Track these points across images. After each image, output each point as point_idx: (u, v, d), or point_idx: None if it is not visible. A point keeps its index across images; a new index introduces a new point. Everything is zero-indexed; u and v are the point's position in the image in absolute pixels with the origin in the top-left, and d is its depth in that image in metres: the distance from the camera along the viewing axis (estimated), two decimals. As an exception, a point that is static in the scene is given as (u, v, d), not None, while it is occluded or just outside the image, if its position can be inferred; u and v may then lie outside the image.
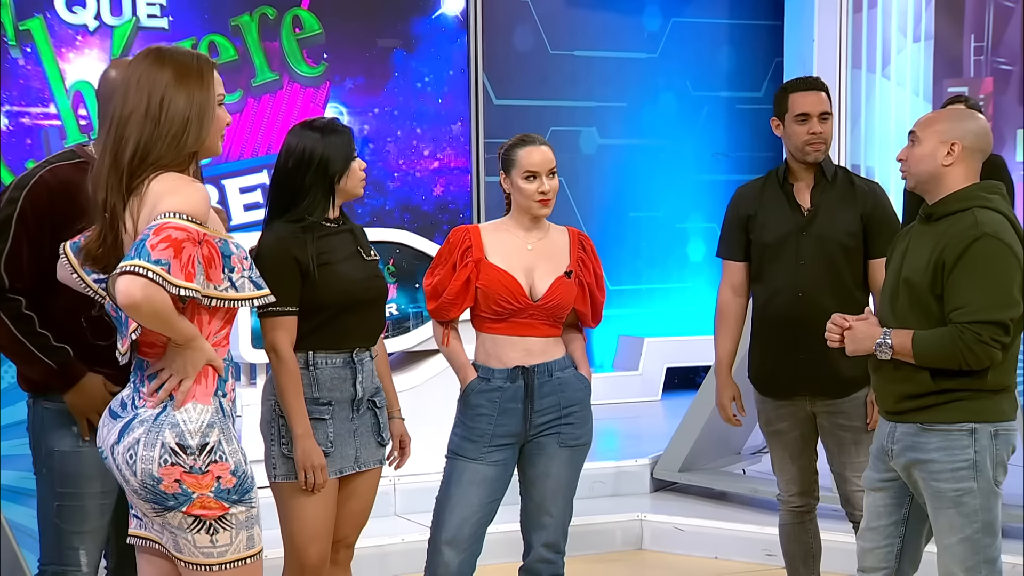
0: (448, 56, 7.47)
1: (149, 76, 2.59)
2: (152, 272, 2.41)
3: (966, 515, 3.09)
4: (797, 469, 3.96)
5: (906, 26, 8.66)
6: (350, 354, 3.36)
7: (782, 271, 3.83)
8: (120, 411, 2.64)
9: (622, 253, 8.61)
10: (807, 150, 3.83)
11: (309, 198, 3.32)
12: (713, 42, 8.91)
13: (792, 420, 3.91)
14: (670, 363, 8.44)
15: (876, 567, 3.27)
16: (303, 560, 3.35)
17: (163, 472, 2.54)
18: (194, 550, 2.59)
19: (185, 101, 2.58)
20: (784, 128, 3.89)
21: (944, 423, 3.10)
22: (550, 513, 3.53)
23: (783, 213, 3.88)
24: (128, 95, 2.59)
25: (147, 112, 2.56)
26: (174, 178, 2.57)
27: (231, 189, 6.96)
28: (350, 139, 3.38)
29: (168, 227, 2.47)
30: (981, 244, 3.04)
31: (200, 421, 2.58)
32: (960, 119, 3.19)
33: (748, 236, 3.93)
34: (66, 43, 6.63)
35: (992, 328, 3.02)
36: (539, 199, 3.48)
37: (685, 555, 5.36)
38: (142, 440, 2.56)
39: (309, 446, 3.26)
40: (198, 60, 2.65)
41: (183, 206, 2.51)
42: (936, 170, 3.14)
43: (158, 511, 2.58)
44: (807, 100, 3.85)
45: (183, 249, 2.46)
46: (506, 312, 3.47)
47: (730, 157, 9.00)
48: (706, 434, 5.84)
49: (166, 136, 2.56)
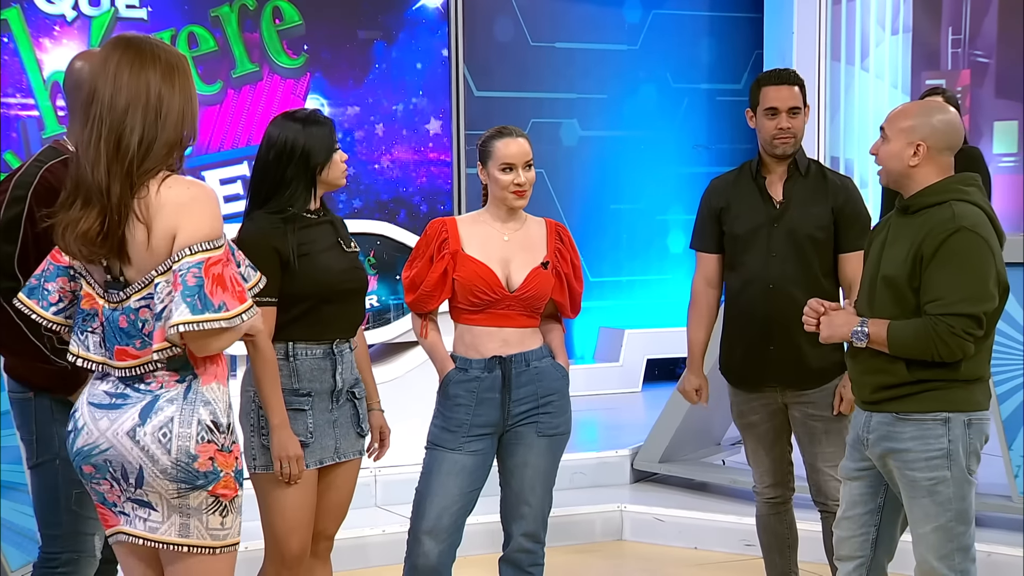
0: (429, 48, 7.46)
1: (140, 68, 2.60)
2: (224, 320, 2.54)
3: (940, 504, 3.12)
4: (771, 461, 3.99)
5: (884, 19, 8.71)
6: (330, 345, 3.37)
7: (753, 262, 3.86)
8: (117, 400, 2.63)
9: (603, 245, 8.64)
10: (775, 144, 3.86)
11: (291, 189, 3.33)
12: (693, 34, 8.93)
13: (764, 412, 3.94)
14: (650, 354, 8.47)
15: (852, 555, 3.30)
16: (284, 551, 3.35)
17: (199, 449, 2.57)
18: (204, 532, 2.62)
19: (179, 93, 2.62)
20: (756, 119, 3.91)
21: (918, 413, 3.13)
22: (529, 503, 3.55)
23: (755, 205, 3.90)
24: (120, 86, 2.58)
25: (147, 104, 2.58)
26: (183, 186, 2.60)
27: (211, 180, 6.93)
28: (332, 130, 3.39)
29: (211, 265, 2.55)
30: (958, 237, 3.06)
31: (225, 401, 2.65)
32: (927, 115, 3.18)
33: (721, 228, 3.95)
34: (44, 33, 6.60)
35: (966, 321, 3.05)
36: (515, 191, 3.49)
37: (665, 545, 5.40)
38: (175, 418, 2.58)
39: (285, 436, 3.27)
40: (177, 53, 2.69)
41: (208, 230, 2.57)
42: (904, 170, 3.17)
43: (183, 491, 2.59)
44: (778, 94, 3.87)
45: (225, 278, 2.56)
46: (483, 303, 3.49)
47: (710, 149, 9.03)
48: (686, 425, 5.87)
49: (166, 125, 2.59)
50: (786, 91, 3.88)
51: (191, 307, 2.51)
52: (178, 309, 2.52)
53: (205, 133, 6.93)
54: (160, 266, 2.58)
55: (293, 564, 3.37)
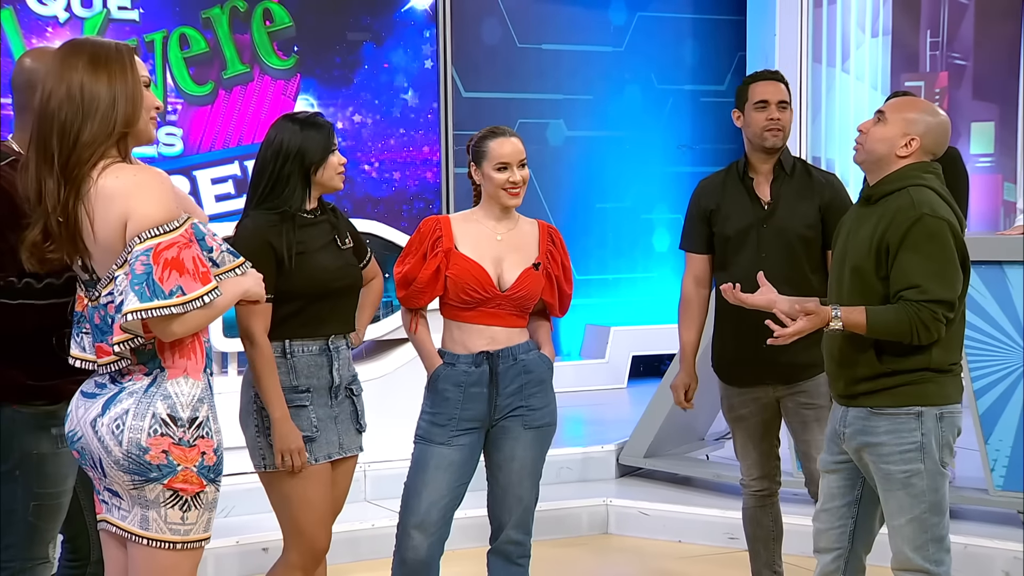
0: (417, 49, 7.53)
1: (65, 64, 2.55)
2: (175, 306, 2.49)
3: (914, 496, 3.16)
4: (759, 454, 4.03)
5: (864, 22, 8.78)
6: (326, 341, 3.41)
7: (743, 262, 3.89)
8: (98, 390, 2.65)
9: (589, 243, 8.69)
10: (765, 136, 3.90)
11: (288, 189, 3.37)
12: (677, 36, 8.99)
13: (755, 406, 3.99)
14: (636, 351, 8.52)
15: (830, 547, 3.34)
16: (315, 544, 3.37)
17: (151, 442, 2.55)
18: (163, 525, 2.59)
19: (107, 83, 2.54)
20: (744, 117, 3.96)
21: (892, 407, 3.17)
22: (517, 496, 3.58)
23: (743, 206, 3.95)
24: (46, 85, 2.55)
25: (68, 96, 2.52)
26: (128, 172, 2.55)
27: (203, 180, 6.99)
28: (330, 133, 3.43)
29: (161, 250, 2.50)
30: (922, 224, 3.10)
31: (191, 395, 2.61)
32: (931, 115, 3.23)
33: (711, 229, 4.00)
34: (36, 34, 6.64)
35: (944, 306, 3.10)
36: (510, 189, 3.54)
37: (650, 539, 5.42)
38: (131, 410, 2.57)
39: (287, 429, 3.30)
40: (116, 46, 2.62)
41: (157, 214, 2.51)
42: (888, 155, 3.20)
43: (137, 483, 2.58)
44: (767, 89, 3.94)
45: (182, 261, 2.51)
46: (474, 301, 3.52)
47: (694, 149, 9.09)
48: (670, 421, 5.90)
49: (93, 116, 2.53)
50: (774, 86, 3.95)
51: (139, 295, 2.47)
52: (127, 298, 2.49)
53: (196, 133, 6.99)
54: (119, 259, 2.55)
55: (321, 556, 3.40)
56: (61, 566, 3.29)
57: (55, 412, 3.01)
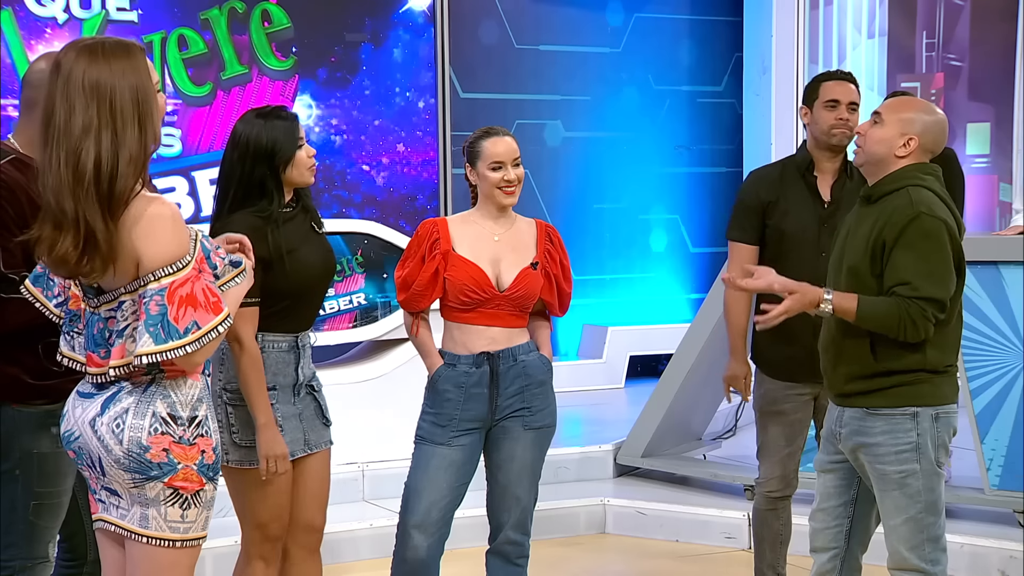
0: (415, 50, 7.54)
1: (89, 78, 2.51)
2: (189, 345, 2.51)
3: (910, 496, 3.18)
4: (786, 453, 3.99)
5: (861, 23, 8.81)
6: (295, 338, 3.40)
7: (801, 261, 3.80)
8: (96, 390, 2.66)
9: (586, 244, 8.70)
10: (833, 133, 3.88)
11: (265, 198, 3.32)
12: (674, 37, 9.01)
13: (798, 402, 3.96)
14: (633, 351, 8.54)
15: (826, 547, 3.36)
16: (267, 532, 3.37)
17: (151, 440, 2.57)
18: (163, 524, 2.61)
19: (131, 95, 2.52)
20: (812, 115, 3.94)
21: (887, 408, 3.19)
22: (516, 496, 3.59)
23: (805, 203, 3.91)
24: (74, 103, 2.49)
25: (100, 124, 2.49)
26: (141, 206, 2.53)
27: (201, 181, 7.00)
28: (296, 124, 3.36)
29: (175, 288, 2.52)
30: (919, 222, 3.12)
31: (191, 394, 2.62)
32: (927, 113, 3.25)
33: (764, 221, 3.94)
34: (35, 35, 6.66)
35: (935, 305, 3.12)
36: (504, 188, 3.55)
37: (647, 538, 5.44)
38: (131, 409, 2.58)
39: (272, 435, 3.29)
40: (130, 48, 2.59)
41: (172, 252, 2.53)
42: (888, 157, 3.22)
43: (137, 481, 2.59)
44: (838, 89, 3.92)
45: (195, 296, 2.53)
46: (473, 302, 3.54)
47: (691, 150, 9.11)
48: (668, 421, 5.91)
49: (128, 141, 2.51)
50: (846, 87, 3.93)
51: (154, 337, 2.50)
52: (141, 339, 2.50)
53: (195, 134, 7.00)
54: (128, 284, 2.56)
55: (275, 543, 3.40)
56: (58, 566, 3.30)
57: (55, 411, 3.00)
